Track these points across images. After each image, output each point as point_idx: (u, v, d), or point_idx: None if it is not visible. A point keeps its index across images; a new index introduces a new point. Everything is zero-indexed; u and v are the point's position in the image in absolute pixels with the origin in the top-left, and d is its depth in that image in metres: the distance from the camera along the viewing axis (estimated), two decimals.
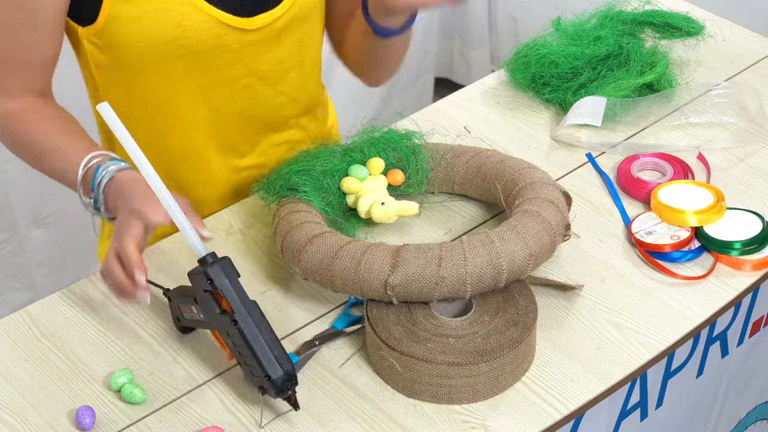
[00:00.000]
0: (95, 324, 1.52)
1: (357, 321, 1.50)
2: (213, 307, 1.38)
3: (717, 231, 1.59)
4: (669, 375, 1.59)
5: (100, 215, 1.53)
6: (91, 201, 1.52)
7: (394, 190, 1.63)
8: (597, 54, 1.83)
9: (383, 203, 1.58)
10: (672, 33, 1.90)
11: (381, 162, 1.62)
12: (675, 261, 1.57)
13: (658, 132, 1.81)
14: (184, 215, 1.38)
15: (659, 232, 1.60)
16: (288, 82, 1.67)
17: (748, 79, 1.90)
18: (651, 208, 1.65)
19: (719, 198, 1.62)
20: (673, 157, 1.73)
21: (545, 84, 1.86)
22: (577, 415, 1.42)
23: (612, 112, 1.80)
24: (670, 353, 1.51)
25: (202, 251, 1.37)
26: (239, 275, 1.38)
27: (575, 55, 1.82)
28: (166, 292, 1.49)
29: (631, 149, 1.76)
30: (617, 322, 1.50)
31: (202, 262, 1.37)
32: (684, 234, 1.59)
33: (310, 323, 1.52)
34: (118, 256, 1.43)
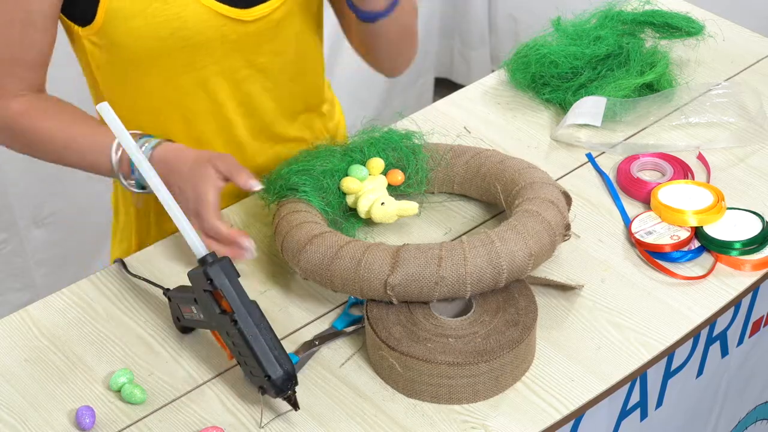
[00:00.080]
0: (95, 324, 1.52)
1: (357, 321, 1.50)
2: (213, 307, 1.38)
3: (717, 231, 1.59)
4: (669, 375, 1.59)
5: (146, 192, 1.56)
6: (134, 182, 1.56)
7: (394, 190, 1.63)
8: (597, 54, 1.83)
9: (383, 203, 1.58)
10: (672, 33, 1.90)
11: (381, 162, 1.62)
12: (675, 261, 1.57)
13: (658, 132, 1.81)
14: (183, 215, 1.38)
15: (659, 232, 1.60)
16: (287, 74, 1.67)
17: (748, 79, 1.90)
18: (651, 208, 1.65)
19: (719, 198, 1.62)
20: (673, 157, 1.73)
21: (545, 84, 1.86)
22: (577, 415, 1.42)
23: (612, 112, 1.80)
24: (670, 353, 1.51)
25: (202, 251, 1.37)
26: (239, 275, 1.38)
27: (575, 55, 1.82)
28: (166, 292, 1.49)
29: (631, 149, 1.76)
30: (617, 322, 1.50)
31: (202, 262, 1.38)
32: (684, 234, 1.59)
33: (310, 323, 1.52)
34: (209, 235, 1.49)
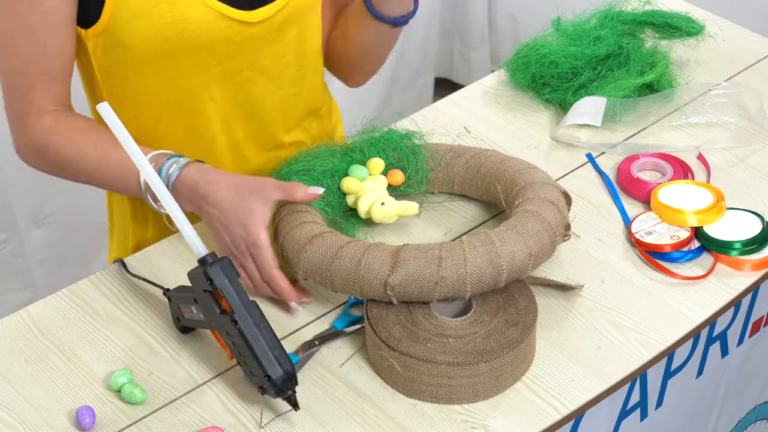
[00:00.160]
0: (95, 324, 1.52)
1: (357, 321, 1.50)
2: (213, 307, 1.38)
3: (717, 231, 1.59)
4: (669, 375, 1.59)
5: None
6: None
7: (394, 190, 1.63)
8: (597, 54, 1.83)
9: (383, 203, 1.58)
10: (672, 33, 1.90)
11: (381, 162, 1.62)
12: (675, 261, 1.57)
13: (658, 132, 1.81)
14: (184, 215, 1.38)
15: (659, 232, 1.60)
16: (288, 76, 1.67)
17: (748, 79, 1.90)
18: (651, 208, 1.65)
19: (719, 198, 1.62)
20: (673, 157, 1.73)
21: (545, 84, 1.86)
22: (577, 415, 1.42)
23: (612, 112, 1.80)
24: (670, 353, 1.51)
25: (202, 251, 1.37)
26: (239, 275, 1.38)
27: (575, 55, 1.82)
28: (166, 292, 1.49)
29: (631, 149, 1.76)
30: (617, 322, 1.50)
31: (202, 262, 1.38)
32: (684, 234, 1.59)
33: (310, 323, 1.52)
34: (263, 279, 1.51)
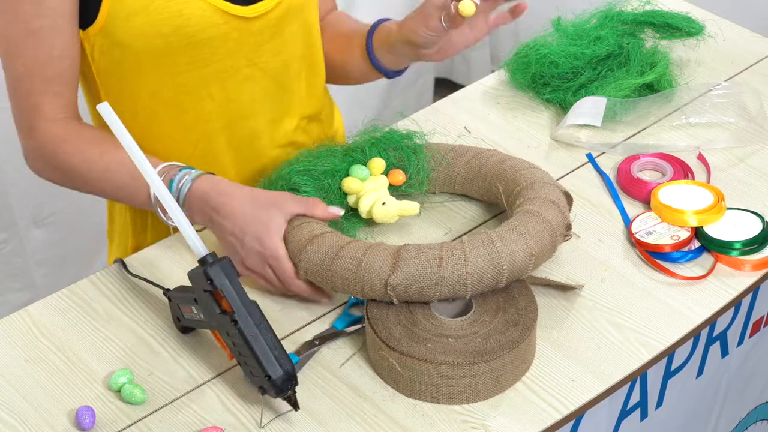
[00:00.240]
0: (95, 324, 1.52)
1: (357, 321, 1.50)
2: (213, 307, 1.38)
3: (717, 231, 1.59)
4: (669, 375, 1.59)
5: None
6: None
7: (395, 190, 1.63)
8: (597, 54, 1.83)
9: (384, 203, 1.58)
10: (672, 33, 1.90)
11: (382, 162, 1.62)
12: (675, 261, 1.57)
13: (658, 132, 1.81)
14: (184, 215, 1.38)
15: (659, 232, 1.60)
16: (287, 74, 1.67)
17: (748, 79, 1.90)
18: (651, 208, 1.65)
19: (719, 198, 1.62)
20: (673, 157, 1.73)
21: (545, 84, 1.86)
22: (577, 415, 1.42)
23: (612, 112, 1.80)
24: (670, 353, 1.51)
25: (202, 251, 1.37)
26: (239, 275, 1.38)
27: (575, 55, 1.82)
28: (166, 292, 1.49)
29: (631, 149, 1.76)
30: (617, 322, 1.50)
31: (202, 262, 1.38)
32: (684, 234, 1.59)
33: (310, 323, 1.52)
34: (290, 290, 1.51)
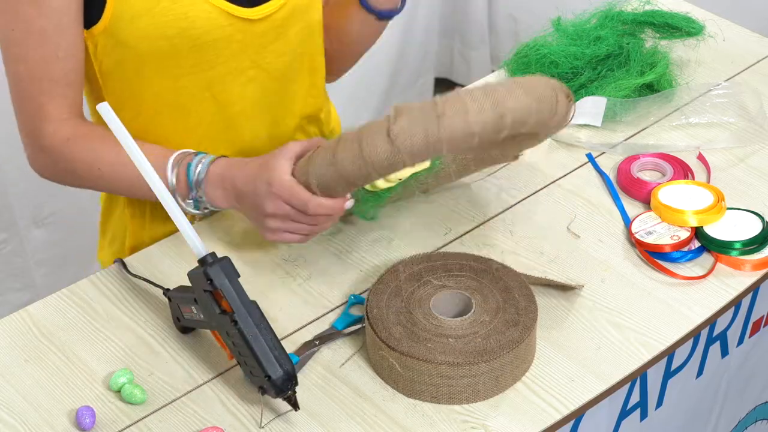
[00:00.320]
0: (95, 324, 1.52)
1: (357, 321, 1.50)
2: (213, 307, 1.38)
3: (717, 231, 1.59)
4: (669, 375, 1.59)
5: (202, 214, 1.56)
6: (192, 201, 1.54)
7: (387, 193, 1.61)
8: (597, 54, 1.83)
9: None
10: (672, 33, 1.90)
11: None
12: (675, 261, 1.57)
13: (658, 132, 1.81)
14: (183, 215, 1.38)
15: (659, 232, 1.60)
16: (290, 75, 1.68)
17: (748, 79, 1.90)
18: (651, 208, 1.65)
19: (719, 198, 1.62)
20: (673, 157, 1.73)
21: None
22: (577, 415, 1.42)
23: (612, 112, 1.80)
24: (670, 353, 1.51)
25: (202, 251, 1.37)
26: (239, 275, 1.38)
27: (575, 55, 1.82)
28: (166, 292, 1.49)
29: (631, 149, 1.76)
30: (617, 322, 1.50)
31: (202, 262, 1.38)
32: (684, 234, 1.59)
33: (310, 323, 1.52)
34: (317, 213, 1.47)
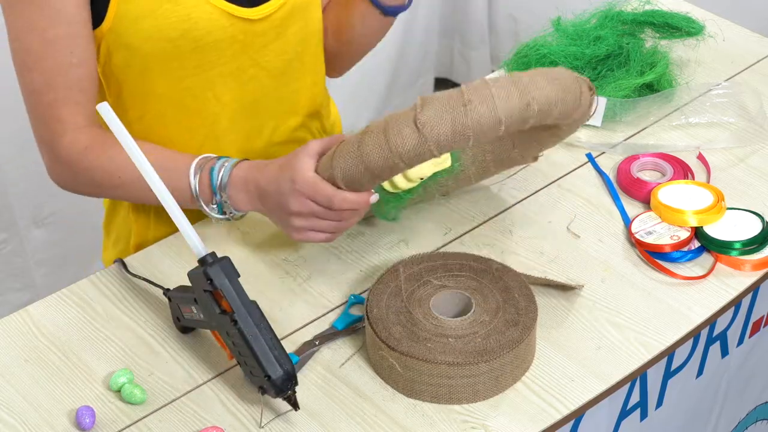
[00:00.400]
0: (95, 324, 1.52)
1: (357, 321, 1.50)
2: (213, 307, 1.38)
3: (717, 231, 1.59)
4: (669, 375, 1.59)
5: (226, 218, 1.54)
6: (216, 206, 1.52)
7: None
8: (597, 54, 1.83)
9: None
10: (672, 33, 1.90)
11: None
12: (675, 261, 1.57)
13: (658, 132, 1.81)
14: (183, 215, 1.37)
15: (659, 232, 1.60)
16: (291, 73, 1.68)
17: (748, 79, 1.90)
18: (651, 208, 1.65)
19: (719, 198, 1.62)
20: (673, 157, 1.73)
21: None
22: (577, 415, 1.42)
23: (612, 112, 1.80)
24: (670, 353, 1.51)
25: (202, 251, 1.37)
26: (239, 275, 1.38)
27: (575, 55, 1.82)
28: (166, 292, 1.49)
29: (631, 149, 1.76)
30: (617, 322, 1.50)
31: (202, 262, 1.37)
32: (684, 234, 1.59)
33: (310, 323, 1.52)
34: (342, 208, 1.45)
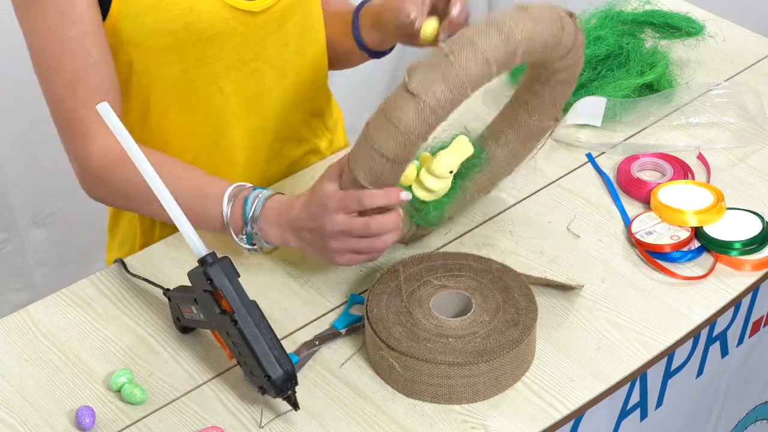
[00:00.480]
0: (95, 324, 1.52)
1: (357, 321, 1.50)
2: (213, 307, 1.38)
3: (717, 231, 1.59)
4: (669, 375, 1.59)
5: (255, 249, 1.50)
6: (245, 236, 1.49)
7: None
8: (597, 54, 1.83)
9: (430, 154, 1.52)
10: (672, 33, 1.90)
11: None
12: (675, 261, 1.57)
13: (658, 132, 1.81)
14: (183, 215, 1.37)
15: (659, 232, 1.60)
16: (292, 65, 1.68)
17: (748, 79, 1.90)
18: (651, 208, 1.65)
19: (719, 198, 1.62)
20: (673, 157, 1.73)
21: None
22: (577, 415, 1.42)
23: (612, 112, 1.80)
24: (670, 353, 1.51)
25: (202, 251, 1.37)
26: (239, 275, 1.38)
27: None
28: (166, 292, 1.49)
29: (631, 149, 1.76)
30: (617, 322, 1.50)
31: (202, 262, 1.37)
32: (684, 234, 1.59)
33: (310, 323, 1.52)
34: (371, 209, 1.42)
